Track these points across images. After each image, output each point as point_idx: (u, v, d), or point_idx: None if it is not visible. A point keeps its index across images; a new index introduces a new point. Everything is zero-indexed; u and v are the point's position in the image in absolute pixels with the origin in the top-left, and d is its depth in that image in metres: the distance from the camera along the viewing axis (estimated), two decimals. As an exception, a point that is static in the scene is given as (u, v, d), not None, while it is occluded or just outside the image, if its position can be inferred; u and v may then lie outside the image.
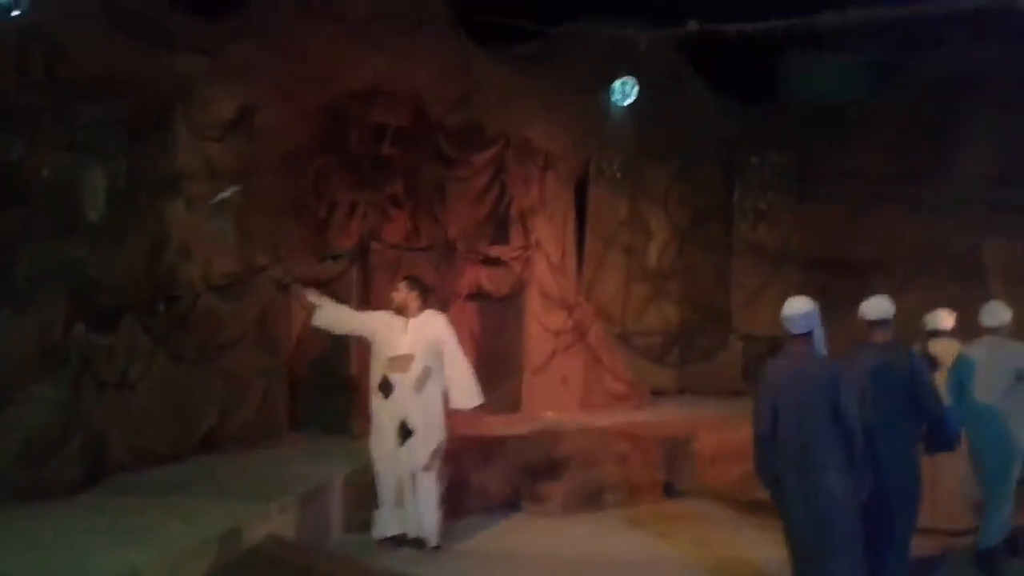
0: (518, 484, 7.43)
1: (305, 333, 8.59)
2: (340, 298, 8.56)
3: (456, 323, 6.81)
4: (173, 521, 5.27)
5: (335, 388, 8.48)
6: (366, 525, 6.36)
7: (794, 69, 11.79)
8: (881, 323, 5.25)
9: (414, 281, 6.44)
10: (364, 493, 6.48)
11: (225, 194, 7.17)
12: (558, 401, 9.64)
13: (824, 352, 4.81)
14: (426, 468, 6.09)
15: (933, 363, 6.18)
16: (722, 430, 8.93)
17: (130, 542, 4.86)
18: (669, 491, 8.01)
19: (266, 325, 8.04)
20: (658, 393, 11.01)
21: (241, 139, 8.09)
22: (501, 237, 9.79)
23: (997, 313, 6.43)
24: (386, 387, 6.11)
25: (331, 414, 8.41)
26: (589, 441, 8.21)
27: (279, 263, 8.20)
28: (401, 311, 6.24)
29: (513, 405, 9.22)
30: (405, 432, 6.07)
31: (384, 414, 6.14)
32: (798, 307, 4.80)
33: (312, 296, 6.65)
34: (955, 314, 6.68)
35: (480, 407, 7.88)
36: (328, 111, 8.92)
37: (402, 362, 6.12)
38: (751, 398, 10.34)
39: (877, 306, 5.31)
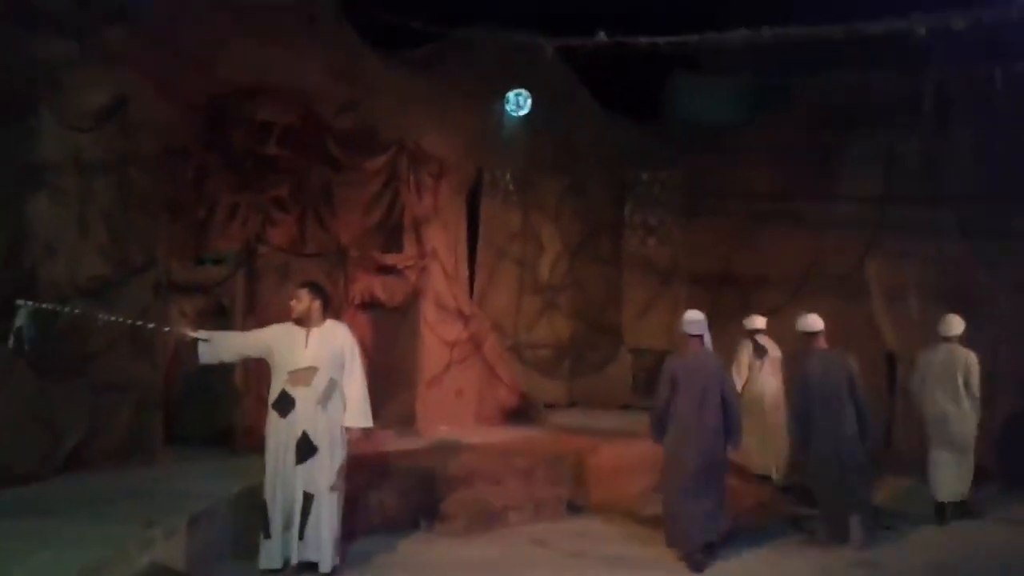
0: (418, 502, 7.04)
1: (184, 342, 7.97)
2: (224, 305, 8.09)
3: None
4: (39, 549, 4.63)
5: (215, 401, 7.89)
6: (252, 549, 5.85)
7: (681, 90, 12.00)
8: (819, 334, 7.32)
9: (316, 288, 5.97)
10: (252, 516, 5.97)
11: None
12: (452, 415, 9.33)
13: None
14: (332, 488, 5.65)
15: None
16: (619, 445, 8.86)
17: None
18: (571, 508, 7.77)
19: (140, 333, 7.36)
20: (548, 406, 10.87)
21: (114, 131, 7.44)
22: (393, 245, 9.41)
23: (954, 325, 7.87)
24: (286, 403, 5.62)
25: (211, 429, 7.82)
26: (490, 457, 7.91)
27: (155, 266, 7.56)
28: (301, 321, 5.78)
29: (407, 419, 8.84)
30: (308, 449, 5.59)
31: (283, 432, 5.64)
32: (695, 315, 6.81)
33: (191, 332, 5.95)
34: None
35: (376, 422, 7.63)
36: (209, 105, 8.39)
37: (305, 375, 5.66)
38: (641, 411, 10.57)
39: (815, 321, 7.43)
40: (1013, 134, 9.39)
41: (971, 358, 7.79)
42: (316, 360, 5.68)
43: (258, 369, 7.67)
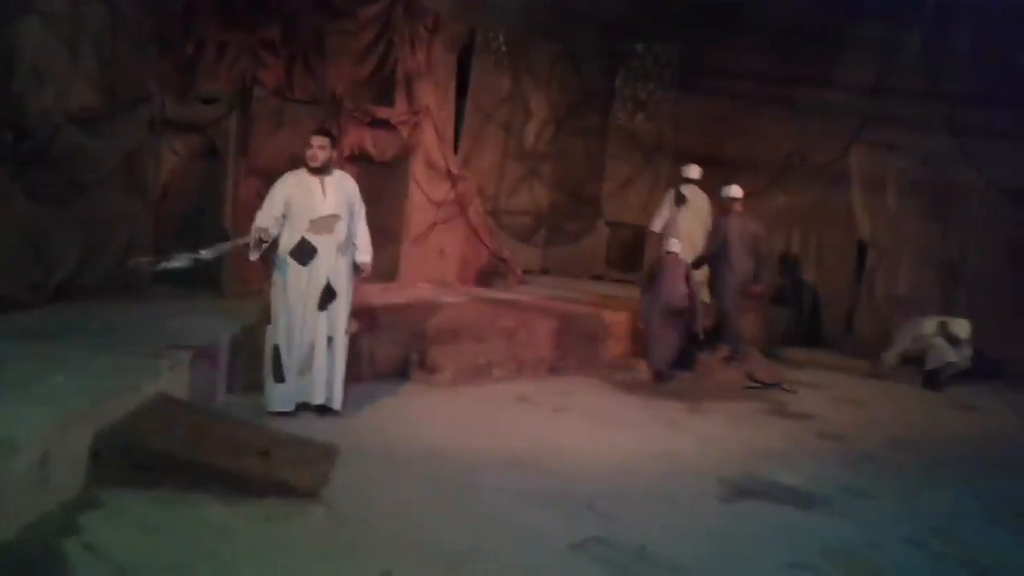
0: (405, 354, 7.21)
1: (174, 178, 7.88)
2: (215, 144, 7.95)
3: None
4: (50, 372, 4.71)
5: (205, 242, 7.83)
6: (250, 387, 6.03)
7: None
8: (737, 200, 9.08)
9: (332, 136, 5.95)
10: (249, 355, 6.11)
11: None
12: (435, 273, 9.44)
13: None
14: (347, 331, 5.86)
15: None
16: (602, 311, 9.10)
17: (9, 396, 4.30)
18: (551, 369, 8.04)
19: (132, 168, 7.26)
20: (523, 272, 11.01)
21: (107, -44, 7.09)
22: (384, 99, 9.23)
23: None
24: (307, 251, 5.69)
25: (199, 270, 7.79)
26: (475, 315, 8.08)
27: (147, 100, 7.38)
28: (318, 169, 5.77)
29: (389, 274, 8.90)
30: (330, 295, 5.71)
31: (303, 280, 5.73)
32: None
33: (260, 235, 5.76)
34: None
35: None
36: (204, -62, 8.01)
37: (327, 223, 5.75)
38: (614, 282, 10.84)
39: (736, 190, 9.12)
40: (1012, 37, 9.41)
41: None
42: (336, 208, 5.78)
43: (247, 213, 7.67)
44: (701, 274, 8.89)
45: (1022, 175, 9.50)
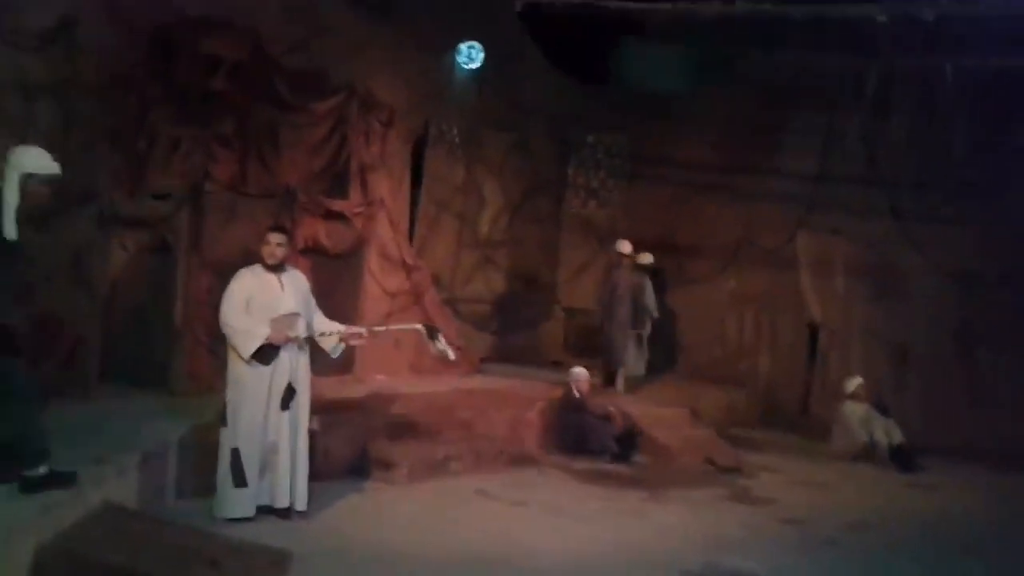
0: (360, 450, 7.08)
1: (123, 275, 7.76)
2: (167, 241, 7.89)
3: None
4: (-12, 482, 4.51)
5: (154, 339, 7.72)
6: (201, 491, 5.83)
7: (629, 56, 12.04)
8: (626, 255, 10.31)
9: (287, 232, 5.94)
10: (199, 456, 5.94)
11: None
12: (389, 364, 9.31)
13: None
14: (309, 429, 5.81)
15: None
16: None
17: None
18: (511, 460, 7.94)
19: (80, 264, 7.14)
20: (480, 360, 10.95)
21: (59, 53, 7.12)
22: (338, 191, 9.26)
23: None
24: (268, 352, 5.58)
25: (147, 368, 7.65)
26: (431, 408, 7.98)
27: (97, 197, 7.32)
28: (274, 266, 5.75)
29: (345, 367, 8.77)
30: (291, 394, 5.61)
31: (265, 380, 5.63)
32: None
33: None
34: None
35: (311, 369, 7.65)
36: (156, 34, 8.08)
37: (289, 321, 5.67)
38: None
39: (625, 245, 10.34)
40: (948, 125, 9.82)
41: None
42: (296, 305, 5.72)
43: (198, 310, 7.58)
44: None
45: (964, 258, 9.79)
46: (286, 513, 5.72)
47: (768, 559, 5.89)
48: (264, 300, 5.66)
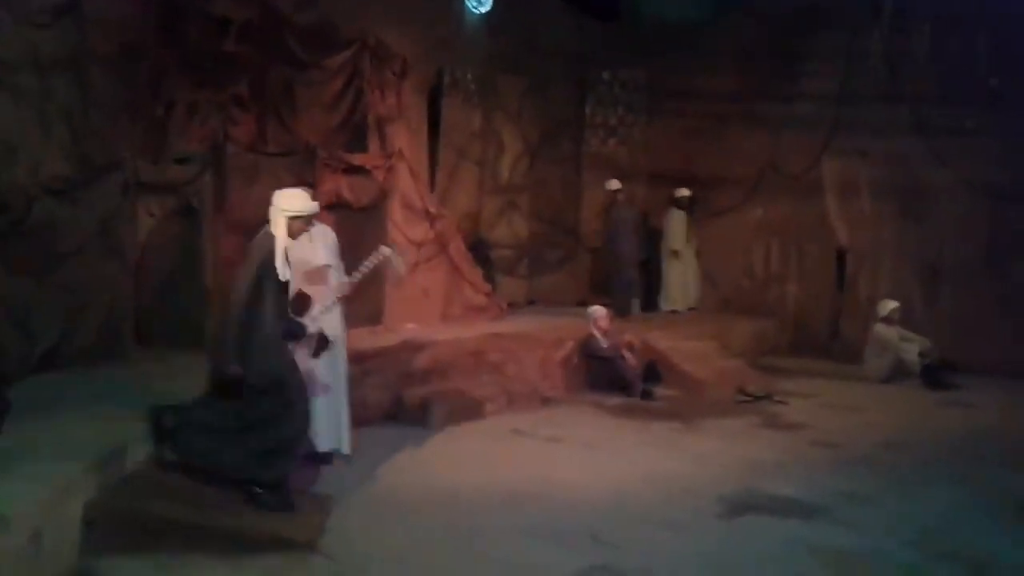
0: (396, 397, 7.21)
1: (152, 240, 7.89)
2: (191, 204, 8.00)
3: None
4: (41, 446, 4.68)
5: (186, 302, 7.86)
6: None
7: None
8: (619, 191, 10.80)
9: (311, 187, 6.03)
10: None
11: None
12: (419, 313, 9.42)
13: None
14: (347, 376, 5.95)
15: None
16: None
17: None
18: (542, 399, 8.06)
19: (109, 233, 7.27)
20: (509, 304, 11.04)
21: (70, 27, 7.15)
22: (357, 146, 9.30)
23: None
24: (303, 303, 5.71)
25: (182, 330, 7.81)
26: (463, 353, 8.08)
27: (120, 165, 7.42)
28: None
29: (374, 317, 8.91)
30: (325, 343, 5.74)
31: None
32: None
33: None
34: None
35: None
36: (165, 1, 8.10)
37: (321, 274, 5.81)
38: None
39: (615, 183, 10.85)
40: (967, 36, 9.59)
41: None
42: (327, 258, 5.85)
43: (227, 270, 7.68)
44: None
45: (992, 170, 9.64)
46: (327, 457, 5.87)
47: (804, 481, 5.96)
48: (296, 255, 5.74)
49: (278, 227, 4.92)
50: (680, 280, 11.49)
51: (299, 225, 5.01)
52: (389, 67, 9.52)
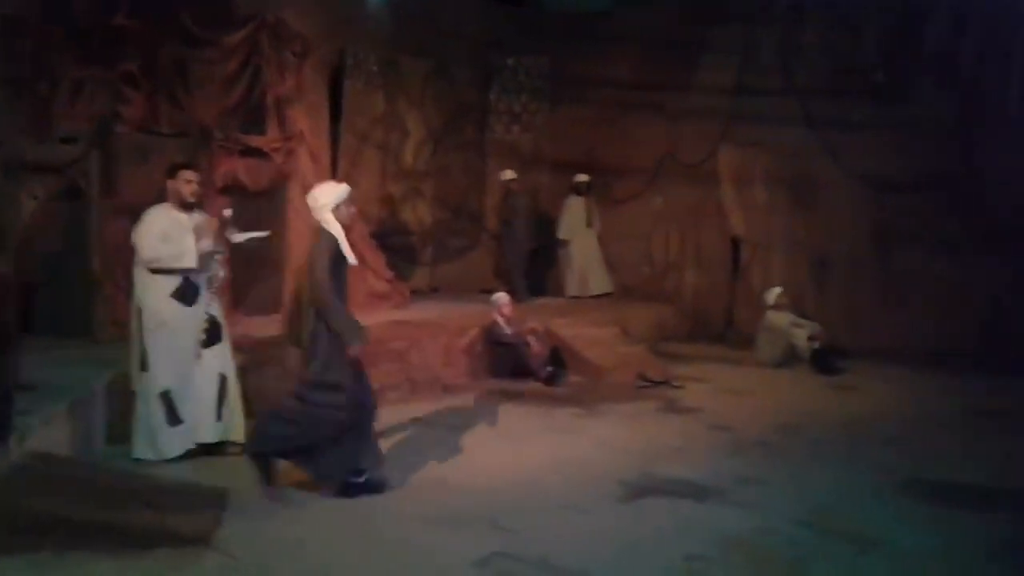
0: (294, 385, 7.03)
1: (35, 225, 7.51)
2: (79, 187, 7.67)
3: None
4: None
5: (72, 288, 7.53)
6: (129, 436, 5.78)
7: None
8: (512, 180, 10.98)
9: (197, 169, 5.83)
10: (128, 401, 5.87)
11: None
12: (320, 301, 9.24)
13: None
14: (236, 367, 5.86)
15: None
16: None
17: None
18: (444, 388, 8.03)
19: (-13, 216, 6.88)
20: (412, 291, 10.96)
21: (-55, -1, 6.74)
22: (254, 128, 9.03)
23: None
24: (190, 290, 5.54)
25: (69, 317, 7.48)
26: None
27: (2, 144, 7.01)
28: (187, 205, 5.66)
29: (274, 306, 8.70)
30: (216, 333, 5.59)
31: (188, 320, 5.64)
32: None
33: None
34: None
35: (240, 308, 7.63)
36: (49, -27, 7.71)
37: (205, 260, 5.66)
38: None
39: (510, 172, 10.98)
40: (855, 32, 9.95)
41: None
42: (211, 244, 5.67)
43: (116, 256, 7.38)
44: None
45: (877, 162, 10.03)
46: (219, 448, 5.74)
47: (700, 464, 6.11)
48: (177, 239, 5.57)
49: (331, 223, 5.15)
50: (580, 266, 11.60)
51: (344, 211, 5.21)
52: (289, 47, 9.28)
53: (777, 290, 9.84)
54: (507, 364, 8.70)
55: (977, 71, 8.68)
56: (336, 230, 5.15)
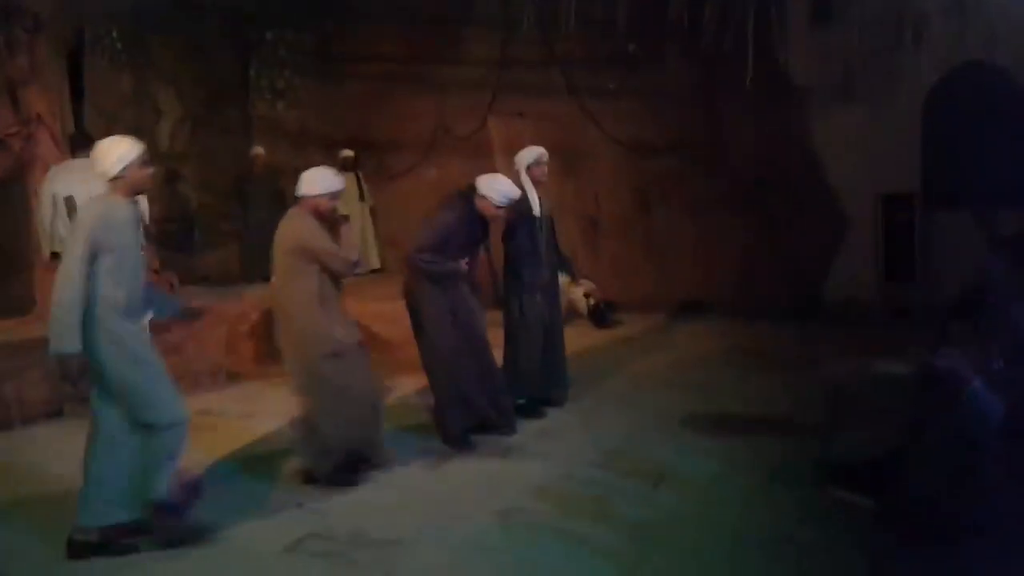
0: (60, 389, 6.47)
1: None
2: None
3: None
4: None
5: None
6: None
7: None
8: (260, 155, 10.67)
9: None
10: None
11: None
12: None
13: None
14: None
15: None
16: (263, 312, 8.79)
17: None
18: (228, 376, 7.68)
19: None
20: (181, 280, 10.31)
21: None
22: (-15, 112, 8.15)
23: None
24: None
25: None
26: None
27: None
28: None
29: (25, 305, 7.92)
30: None
31: None
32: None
33: None
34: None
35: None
36: None
37: None
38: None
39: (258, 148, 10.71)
40: (608, 5, 10.41)
41: None
42: None
43: None
44: None
45: (634, 128, 10.60)
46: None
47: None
48: None
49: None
50: (357, 242, 11.38)
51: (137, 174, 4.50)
52: (18, 22, 8.44)
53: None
54: None
55: (718, 40, 9.30)
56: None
